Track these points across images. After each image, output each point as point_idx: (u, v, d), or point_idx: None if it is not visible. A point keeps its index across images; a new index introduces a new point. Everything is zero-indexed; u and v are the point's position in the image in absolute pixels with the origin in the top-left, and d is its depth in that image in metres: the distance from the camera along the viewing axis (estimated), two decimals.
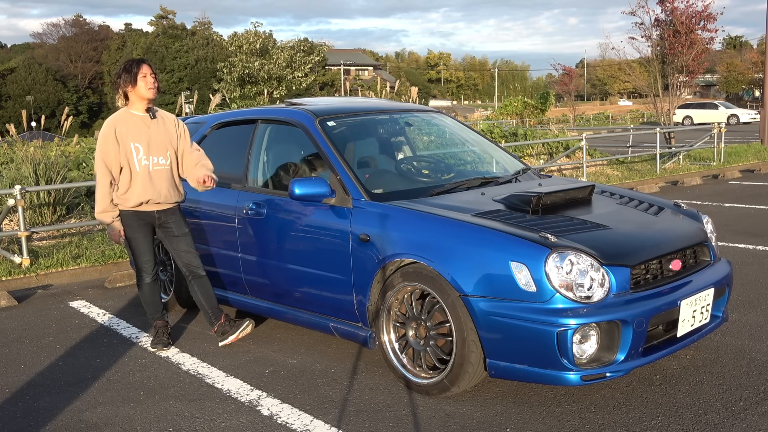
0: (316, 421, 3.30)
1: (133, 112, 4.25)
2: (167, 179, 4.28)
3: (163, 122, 4.33)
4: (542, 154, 13.86)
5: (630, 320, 3.14)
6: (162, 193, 4.26)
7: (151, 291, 4.42)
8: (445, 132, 5.52)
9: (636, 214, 3.90)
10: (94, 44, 74.52)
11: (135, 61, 4.24)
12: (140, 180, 4.19)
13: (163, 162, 4.26)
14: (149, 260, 4.36)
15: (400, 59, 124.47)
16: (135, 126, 4.21)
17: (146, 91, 4.19)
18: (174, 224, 4.37)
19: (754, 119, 36.09)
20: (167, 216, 4.35)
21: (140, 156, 4.19)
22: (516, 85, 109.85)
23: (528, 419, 3.23)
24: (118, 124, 4.21)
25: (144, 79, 4.18)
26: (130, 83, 4.18)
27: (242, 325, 4.36)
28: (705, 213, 4.21)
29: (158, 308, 4.46)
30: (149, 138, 4.22)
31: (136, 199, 4.20)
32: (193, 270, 4.41)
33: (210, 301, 4.44)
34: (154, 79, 4.22)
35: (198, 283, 4.42)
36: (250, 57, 48.69)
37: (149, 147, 4.22)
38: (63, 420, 3.44)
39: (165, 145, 4.27)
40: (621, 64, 22.97)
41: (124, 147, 4.17)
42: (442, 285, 3.37)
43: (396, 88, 21.57)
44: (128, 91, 4.21)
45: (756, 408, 3.25)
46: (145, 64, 4.22)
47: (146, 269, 4.37)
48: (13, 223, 7.76)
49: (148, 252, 4.35)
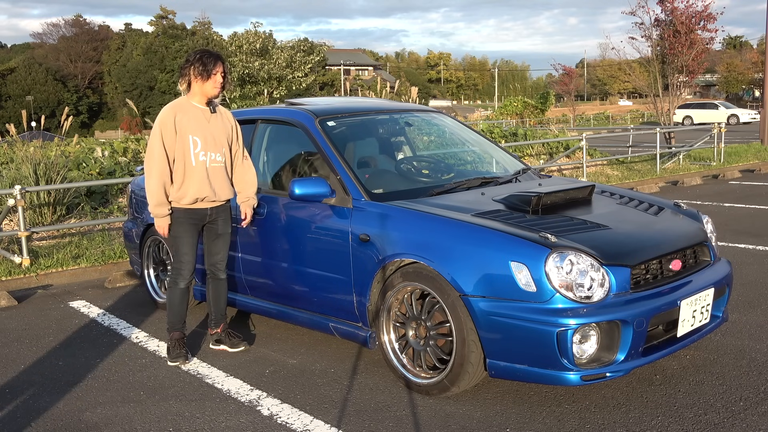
0: (316, 421, 3.30)
1: (194, 104, 4.08)
2: (223, 176, 4.13)
3: (222, 118, 4.18)
4: (542, 154, 13.86)
5: (630, 320, 3.14)
6: (218, 190, 4.10)
7: (182, 298, 4.18)
8: (445, 132, 5.52)
9: (636, 214, 3.90)
10: (94, 44, 74.56)
11: (212, 55, 4.05)
12: (197, 176, 4.01)
13: (219, 159, 4.10)
14: (189, 262, 4.13)
15: (400, 59, 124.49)
16: (195, 118, 4.04)
17: (212, 89, 4.05)
18: (222, 222, 4.20)
19: (754, 119, 36.09)
20: (218, 213, 4.17)
21: (198, 150, 4.01)
22: (516, 85, 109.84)
23: (528, 419, 3.23)
24: (178, 112, 4.02)
25: (215, 77, 4.02)
26: (201, 77, 4.01)
27: (238, 345, 4.31)
28: (705, 213, 4.21)
29: (182, 318, 4.22)
30: (209, 132, 4.06)
31: (193, 195, 4.01)
32: (215, 271, 4.28)
33: (219, 306, 4.34)
34: (223, 78, 4.07)
35: (214, 284, 4.31)
36: (250, 57, 48.67)
37: (207, 142, 4.04)
38: (63, 420, 3.44)
39: (222, 141, 4.12)
40: (621, 64, 22.99)
41: (182, 138, 3.98)
42: (442, 285, 3.37)
43: (396, 88, 21.55)
44: (194, 83, 4.04)
45: (756, 408, 3.25)
46: (221, 62, 4.05)
47: (184, 272, 4.13)
48: (13, 223, 7.76)
49: (190, 254, 4.12)
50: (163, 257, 5.22)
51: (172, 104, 4.09)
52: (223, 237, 4.25)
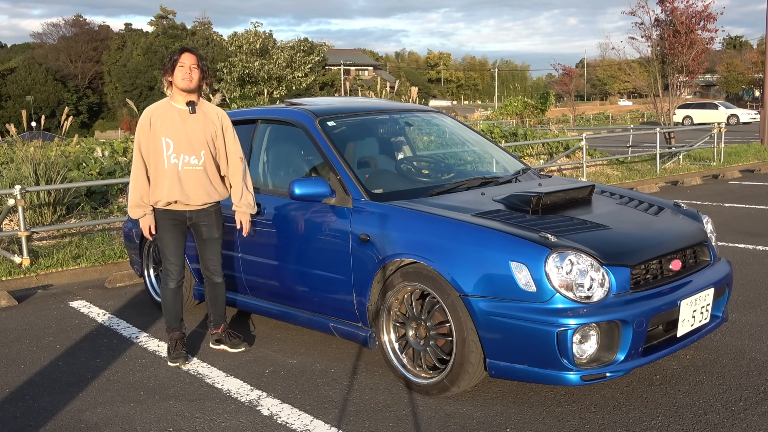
0: (316, 421, 3.30)
1: (173, 104, 4.02)
2: (199, 180, 4.00)
3: (204, 118, 4.04)
4: (542, 154, 13.86)
5: (630, 320, 3.14)
6: (191, 195, 3.99)
7: (174, 297, 4.17)
8: (445, 132, 5.52)
9: (636, 214, 3.90)
10: (94, 44, 74.55)
11: (180, 48, 4.01)
12: (168, 179, 3.95)
13: (195, 162, 3.98)
14: (176, 263, 4.10)
15: (400, 59, 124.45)
16: (170, 119, 3.97)
17: (180, 81, 3.93)
18: (205, 227, 4.12)
19: (754, 119, 36.08)
20: (200, 217, 4.09)
21: (170, 152, 3.94)
22: (516, 85, 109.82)
23: (528, 419, 3.23)
24: (154, 114, 4.00)
25: (181, 68, 3.93)
26: (169, 71, 3.97)
27: (238, 345, 4.31)
28: (705, 213, 4.21)
29: (178, 317, 4.20)
30: (183, 134, 3.96)
31: (164, 198, 3.97)
32: (210, 276, 4.26)
33: (217, 308, 4.32)
34: (194, 70, 3.94)
35: (211, 288, 4.29)
36: (250, 57, 48.68)
37: (180, 144, 3.95)
38: (63, 420, 3.44)
39: (200, 143, 3.99)
40: (621, 64, 22.97)
41: (155, 140, 3.94)
42: (442, 285, 3.37)
43: (396, 88, 21.56)
44: (168, 79, 3.99)
45: (756, 408, 3.25)
46: (187, 53, 3.97)
47: (172, 273, 4.12)
48: (13, 223, 7.76)
49: (175, 254, 4.10)
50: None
51: (150, 106, 4.08)
52: (211, 242, 4.17)
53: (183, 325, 4.28)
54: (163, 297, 4.21)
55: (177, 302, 4.20)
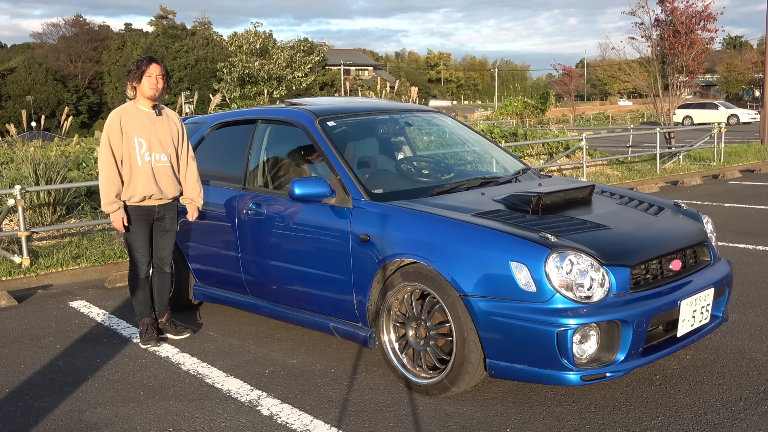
0: (316, 421, 3.30)
1: (140, 107, 4.37)
2: (168, 175, 4.41)
3: (168, 120, 4.45)
4: (542, 154, 13.86)
5: (630, 320, 3.14)
6: (164, 189, 4.38)
7: (143, 287, 4.51)
8: (445, 132, 5.52)
9: (636, 214, 3.90)
10: (94, 44, 74.53)
11: (146, 59, 4.35)
12: (144, 175, 4.30)
13: (164, 159, 4.38)
14: (145, 255, 4.46)
15: (400, 59, 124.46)
16: (140, 121, 4.32)
17: (147, 90, 4.30)
18: (169, 219, 4.50)
19: (754, 119, 36.09)
20: (166, 210, 4.47)
21: (143, 151, 4.30)
22: (516, 85, 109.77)
23: (528, 419, 3.23)
24: (123, 116, 4.32)
25: (149, 78, 4.28)
26: (136, 79, 4.30)
27: (182, 332, 4.60)
28: (705, 213, 4.21)
29: (147, 305, 4.55)
30: (153, 134, 4.34)
31: (141, 193, 4.30)
32: (161, 265, 4.58)
33: (162, 297, 4.62)
34: (159, 80, 4.31)
35: (159, 277, 4.60)
36: (250, 57, 48.71)
37: (152, 143, 4.33)
38: (63, 420, 3.44)
39: (167, 142, 4.40)
40: (621, 64, 22.99)
41: (127, 140, 4.27)
42: (442, 285, 3.37)
43: (396, 88, 21.58)
44: (134, 87, 4.34)
45: (756, 408, 3.25)
46: (154, 64, 4.32)
47: (141, 264, 4.46)
48: (13, 223, 7.76)
49: (144, 247, 4.45)
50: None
51: (118, 109, 4.38)
52: (170, 233, 4.55)
53: (153, 311, 4.60)
54: (134, 287, 4.53)
55: (146, 291, 4.54)
